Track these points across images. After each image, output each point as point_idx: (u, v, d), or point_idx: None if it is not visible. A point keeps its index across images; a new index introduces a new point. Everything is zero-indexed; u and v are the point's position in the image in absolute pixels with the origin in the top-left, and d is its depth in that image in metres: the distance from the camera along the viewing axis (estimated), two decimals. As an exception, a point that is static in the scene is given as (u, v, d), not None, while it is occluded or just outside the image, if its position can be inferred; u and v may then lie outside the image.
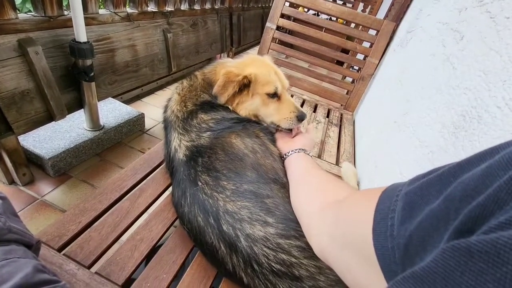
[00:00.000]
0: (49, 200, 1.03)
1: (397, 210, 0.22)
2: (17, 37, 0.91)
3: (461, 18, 0.75)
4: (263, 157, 0.63)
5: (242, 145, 0.63)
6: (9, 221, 0.38)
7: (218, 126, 0.67)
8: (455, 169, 0.18)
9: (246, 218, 0.50)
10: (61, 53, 1.05)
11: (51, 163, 1.07)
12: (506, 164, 0.14)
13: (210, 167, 0.58)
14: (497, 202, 0.13)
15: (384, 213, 0.23)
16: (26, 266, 0.33)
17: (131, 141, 1.41)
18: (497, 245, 0.11)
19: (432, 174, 0.20)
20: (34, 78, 0.97)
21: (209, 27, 2.12)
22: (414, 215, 0.19)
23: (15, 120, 0.95)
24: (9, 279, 0.31)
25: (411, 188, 0.22)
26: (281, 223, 0.50)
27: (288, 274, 0.46)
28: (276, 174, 0.61)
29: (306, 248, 0.47)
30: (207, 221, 0.53)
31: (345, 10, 1.57)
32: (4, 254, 0.33)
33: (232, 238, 0.50)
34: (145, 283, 0.54)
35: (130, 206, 0.67)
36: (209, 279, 0.57)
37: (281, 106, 0.76)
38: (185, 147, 0.64)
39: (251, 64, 0.77)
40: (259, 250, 0.47)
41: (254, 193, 0.54)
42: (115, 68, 1.31)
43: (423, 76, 0.87)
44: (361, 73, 1.54)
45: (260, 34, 3.40)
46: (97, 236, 0.59)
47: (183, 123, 0.68)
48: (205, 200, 0.54)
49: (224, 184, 0.55)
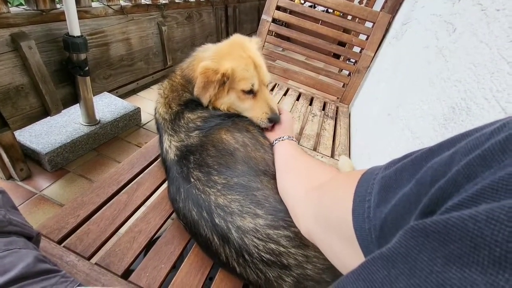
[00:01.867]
0: (47, 195, 1.03)
1: (373, 193, 0.23)
2: (9, 31, 0.90)
3: (454, 10, 0.75)
4: (254, 150, 0.64)
5: (233, 140, 0.64)
6: (9, 214, 0.39)
7: (206, 124, 0.67)
8: (427, 154, 0.19)
9: (237, 211, 0.52)
10: (55, 48, 1.04)
11: (48, 158, 1.07)
12: (469, 150, 0.15)
13: (202, 163, 0.60)
14: (455, 185, 0.14)
15: (362, 195, 0.24)
16: (27, 256, 0.34)
17: (127, 135, 1.41)
18: (447, 225, 0.12)
19: (406, 159, 0.21)
20: (28, 73, 0.96)
21: (204, 19, 2.10)
22: (389, 198, 0.20)
23: (10, 115, 0.94)
24: (11, 268, 0.32)
25: (387, 173, 0.23)
26: (270, 214, 0.52)
27: (277, 263, 0.48)
28: (267, 165, 0.62)
29: (294, 238, 0.49)
30: (200, 215, 0.55)
31: (341, 1, 1.57)
32: (5, 245, 0.34)
33: (224, 230, 0.52)
34: (144, 272, 0.56)
35: (128, 199, 0.68)
36: (206, 268, 0.59)
37: (255, 105, 0.74)
38: (175, 148, 0.65)
39: (229, 55, 0.72)
40: (249, 241, 0.49)
41: (244, 186, 0.56)
42: (109, 62, 1.30)
43: (417, 69, 0.88)
44: (357, 66, 1.55)
45: (256, 26, 3.37)
46: (96, 229, 0.60)
47: (171, 124, 0.69)
48: (198, 195, 0.56)
49: (215, 179, 0.57)
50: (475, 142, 0.15)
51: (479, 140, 0.15)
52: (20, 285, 0.31)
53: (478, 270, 0.11)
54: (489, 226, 0.11)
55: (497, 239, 0.10)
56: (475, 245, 0.11)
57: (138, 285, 0.53)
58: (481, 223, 0.11)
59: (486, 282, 0.10)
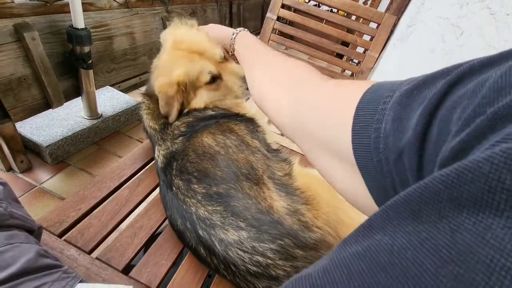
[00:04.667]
0: (47, 188, 1.03)
1: (384, 120, 0.20)
2: (13, 22, 0.89)
3: (462, 13, 0.75)
4: (236, 152, 0.61)
5: (214, 143, 0.62)
6: (10, 207, 0.38)
7: (189, 129, 0.66)
8: (454, 80, 0.17)
9: (219, 223, 0.51)
10: (58, 40, 1.03)
11: (49, 150, 1.06)
12: (498, 91, 0.13)
13: (183, 170, 0.58)
14: (478, 138, 0.13)
15: (366, 121, 0.22)
16: (29, 251, 0.34)
17: (129, 130, 1.41)
18: (458, 170, 0.11)
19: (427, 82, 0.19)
20: (31, 64, 0.95)
21: (208, 16, 2.09)
22: (405, 129, 0.18)
23: (12, 106, 0.94)
24: (13, 263, 0.31)
25: (403, 99, 0.20)
26: (253, 226, 0.50)
27: (265, 274, 0.47)
28: (251, 168, 0.59)
29: (281, 250, 0.48)
30: (185, 225, 0.54)
31: (347, 1, 1.56)
32: (6, 239, 0.34)
33: (208, 242, 0.51)
34: (144, 268, 0.55)
35: (129, 194, 0.68)
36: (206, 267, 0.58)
37: (227, 85, 0.70)
38: (162, 156, 0.64)
39: (173, 61, 0.68)
40: (234, 254, 0.48)
41: (224, 196, 0.54)
42: (113, 56, 1.29)
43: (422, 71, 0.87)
44: (360, 66, 1.54)
45: (260, 24, 3.36)
46: (97, 223, 0.60)
47: (160, 134, 0.68)
48: (180, 205, 0.55)
49: (195, 188, 0.55)
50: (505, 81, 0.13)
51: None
52: (21, 281, 0.31)
53: (493, 213, 0.10)
54: (507, 168, 0.10)
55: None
56: (490, 188, 0.10)
57: (139, 281, 0.53)
58: (498, 165, 0.10)
59: (503, 225, 0.09)
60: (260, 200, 0.54)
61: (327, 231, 0.51)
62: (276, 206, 0.53)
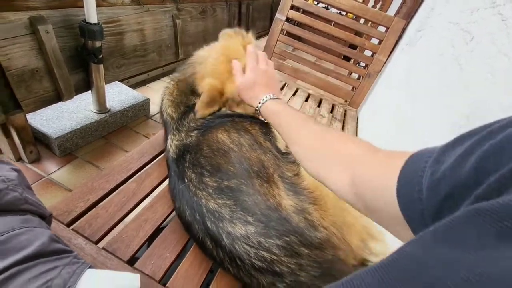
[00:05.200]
0: (55, 179, 1.05)
1: (425, 176, 0.23)
2: (28, 15, 0.91)
3: (473, 19, 0.75)
4: (249, 151, 0.62)
5: (228, 140, 0.63)
6: (25, 192, 0.40)
7: (205, 124, 0.67)
8: (483, 138, 0.20)
9: (227, 216, 0.52)
10: (71, 34, 1.05)
11: (58, 142, 1.08)
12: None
13: (196, 163, 0.60)
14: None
15: (410, 178, 0.25)
16: (43, 235, 0.35)
17: (136, 125, 1.42)
18: (501, 204, 0.13)
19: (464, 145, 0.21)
20: (44, 57, 0.97)
21: (218, 15, 2.10)
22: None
23: (24, 97, 0.96)
24: (27, 246, 0.33)
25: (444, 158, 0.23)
26: (261, 222, 0.50)
27: (269, 270, 0.48)
28: (262, 167, 0.60)
29: (286, 247, 0.49)
30: (193, 217, 0.55)
31: (356, 4, 1.56)
32: (22, 222, 0.35)
33: (216, 234, 0.51)
34: (149, 260, 0.56)
35: (136, 187, 0.69)
36: (209, 261, 0.59)
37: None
38: (175, 146, 0.66)
39: (229, 71, 0.71)
40: (240, 248, 0.49)
41: (235, 190, 0.55)
42: (123, 51, 1.31)
43: (431, 76, 0.87)
44: (368, 69, 1.54)
45: (268, 25, 3.36)
46: (104, 214, 0.61)
47: (176, 124, 0.69)
48: (191, 197, 0.56)
49: (207, 181, 0.57)
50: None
51: None
52: (35, 263, 0.32)
53: None
54: None
55: None
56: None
57: (143, 272, 0.54)
58: None
59: None
60: (270, 197, 0.54)
61: (332, 232, 0.51)
62: (284, 204, 0.54)
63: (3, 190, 0.34)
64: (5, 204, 0.34)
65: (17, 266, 0.30)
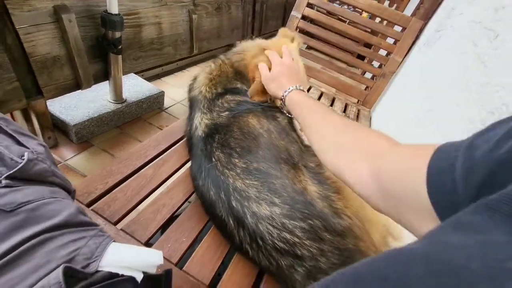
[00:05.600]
0: (71, 165, 1.07)
1: (457, 165, 0.23)
2: (52, 3, 0.93)
3: (497, 17, 0.73)
4: (278, 138, 0.64)
5: (258, 125, 0.65)
6: (52, 166, 0.41)
7: (238, 107, 0.69)
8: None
9: (254, 196, 0.52)
10: (92, 23, 1.07)
11: (75, 129, 1.11)
12: None
13: (225, 144, 0.61)
14: None
15: (441, 167, 0.25)
16: (70, 206, 0.36)
17: (150, 117, 1.44)
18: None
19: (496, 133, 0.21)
20: (66, 45, 1.00)
21: (233, 12, 2.11)
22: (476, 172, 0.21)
23: (45, 84, 0.98)
24: (56, 215, 0.33)
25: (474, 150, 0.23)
26: (287, 204, 0.51)
27: (290, 252, 0.48)
28: (289, 155, 0.61)
29: (310, 230, 0.49)
30: (218, 195, 0.56)
31: (373, 3, 1.55)
32: (51, 193, 0.36)
33: (240, 214, 0.52)
34: (166, 244, 0.57)
35: (154, 173, 0.70)
36: (225, 246, 0.60)
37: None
38: (205, 125, 0.67)
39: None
40: (263, 228, 0.50)
41: (263, 173, 0.56)
42: (140, 44, 1.33)
43: (451, 74, 0.86)
44: (383, 69, 1.53)
45: (281, 24, 3.36)
46: (122, 197, 0.62)
47: (209, 103, 0.71)
48: (218, 176, 0.57)
49: (236, 162, 0.57)
50: None
51: None
52: (63, 232, 0.33)
53: None
54: None
55: None
56: None
57: (161, 254, 0.55)
58: None
59: None
60: (296, 182, 0.55)
61: (355, 222, 0.51)
62: (310, 189, 0.55)
63: (33, 160, 0.35)
64: (35, 174, 0.35)
65: (46, 233, 0.31)
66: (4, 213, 0.29)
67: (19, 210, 0.30)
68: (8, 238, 0.28)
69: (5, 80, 0.85)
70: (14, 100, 0.91)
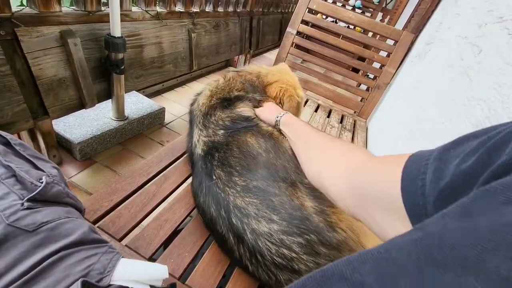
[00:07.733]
0: (75, 182, 1.10)
1: (428, 172, 0.26)
2: (59, 29, 0.98)
3: (481, 33, 0.78)
4: (275, 158, 0.66)
5: (257, 144, 0.67)
6: (66, 187, 0.44)
7: (232, 125, 0.71)
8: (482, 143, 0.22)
9: (253, 214, 0.54)
10: (96, 46, 1.12)
11: (79, 147, 1.14)
12: None
13: (225, 162, 0.63)
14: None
15: (413, 175, 0.27)
16: (83, 225, 0.39)
17: (151, 133, 1.48)
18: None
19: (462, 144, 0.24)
20: (71, 67, 1.04)
21: (230, 29, 2.19)
22: (443, 176, 0.24)
23: (51, 105, 1.02)
24: (72, 234, 0.36)
25: (443, 155, 0.25)
26: (285, 220, 0.53)
27: (288, 267, 0.50)
28: (286, 173, 0.63)
29: (306, 245, 0.51)
30: (218, 212, 0.58)
31: (365, 19, 1.61)
32: (66, 213, 0.38)
33: (239, 230, 0.54)
34: (169, 258, 0.59)
35: (156, 190, 0.72)
36: (226, 262, 0.61)
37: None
38: (203, 142, 0.69)
39: (297, 82, 0.94)
40: (262, 244, 0.51)
41: (262, 190, 0.58)
42: (142, 63, 1.38)
43: (440, 87, 0.90)
44: (377, 81, 1.57)
45: (277, 38, 3.46)
46: (127, 214, 0.65)
47: (203, 119, 0.74)
48: (218, 193, 0.59)
49: (236, 180, 0.60)
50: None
51: None
52: (78, 249, 0.35)
53: None
54: None
55: None
56: None
57: (164, 269, 0.57)
58: None
59: None
60: (294, 198, 0.57)
61: (350, 235, 0.53)
62: (306, 205, 0.57)
63: (50, 183, 0.38)
64: (53, 196, 0.38)
65: (64, 251, 0.33)
66: (27, 233, 0.32)
67: (39, 230, 0.33)
68: (31, 255, 0.31)
69: (13, 103, 0.89)
70: (22, 121, 0.94)
